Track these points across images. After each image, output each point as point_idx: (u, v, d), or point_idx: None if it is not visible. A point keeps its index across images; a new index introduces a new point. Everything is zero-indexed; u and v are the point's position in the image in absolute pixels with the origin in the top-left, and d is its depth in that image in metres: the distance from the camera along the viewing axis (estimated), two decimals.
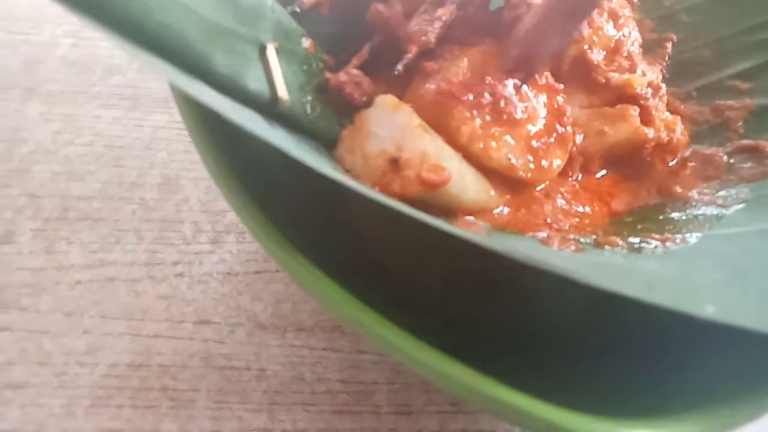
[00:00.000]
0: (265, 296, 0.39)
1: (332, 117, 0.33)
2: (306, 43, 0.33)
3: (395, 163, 0.29)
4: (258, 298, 0.39)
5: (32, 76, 0.49)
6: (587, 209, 0.34)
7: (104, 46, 0.52)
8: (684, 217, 0.32)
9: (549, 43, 0.32)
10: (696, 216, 0.32)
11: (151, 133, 0.47)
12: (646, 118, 0.34)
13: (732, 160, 0.35)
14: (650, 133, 0.34)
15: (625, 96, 0.34)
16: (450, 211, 0.31)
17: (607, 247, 0.30)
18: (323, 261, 0.25)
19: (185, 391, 0.35)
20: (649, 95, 0.34)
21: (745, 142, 0.35)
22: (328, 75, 0.33)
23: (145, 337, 0.37)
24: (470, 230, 0.29)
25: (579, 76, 0.35)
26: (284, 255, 0.24)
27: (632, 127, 0.34)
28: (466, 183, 0.31)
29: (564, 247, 0.30)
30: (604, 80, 0.34)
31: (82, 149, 0.45)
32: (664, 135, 0.34)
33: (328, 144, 0.32)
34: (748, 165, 0.34)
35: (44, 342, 0.36)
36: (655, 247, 0.30)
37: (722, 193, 0.33)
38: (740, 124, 0.36)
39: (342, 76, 0.33)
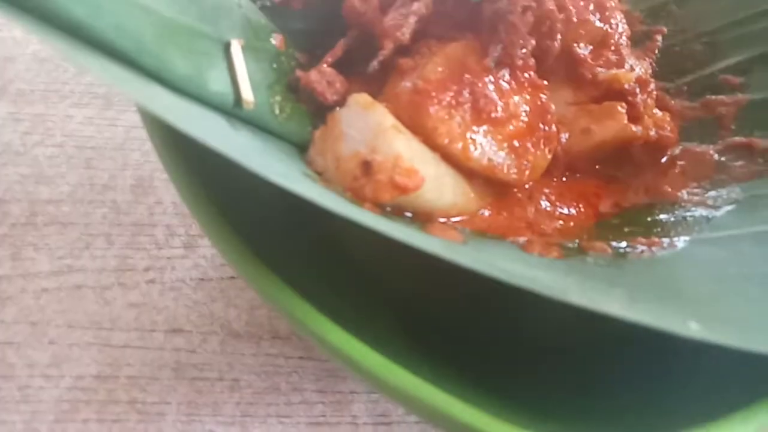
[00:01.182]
0: (240, 303, 0.38)
1: (304, 117, 0.31)
2: (276, 39, 0.32)
3: (367, 167, 0.28)
4: (232, 305, 0.38)
5: (1, 75, 0.47)
6: (572, 211, 0.32)
7: None
8: (672, 219, 0.31)
9: (527, 39, 0.31)
10: (685, 218, 0.30)
11: (124, 133, 0.45)
12: (634, 115, 0.33)
13: (723, 158, 0.33)
14: (638, 130, 0.33)
15: (612, 92, 0.33)
16: (426, 214, 0.30)
17: (591, 252, 0.29)
18: (288, 269, 0.23)
19: (154, 404, 0.34)
20: (637, 91, 0.33)
21: (737, 139, 0.33)
22: (299, 73, 0.32)
23: (114, 348, 0.36)
24: (445, 236, 0.28)
25: (565, 71, 0.33)
26: (238, 257, 0.23)
27: (619, 124, 0.32)
28: (443, 186, 0.29)
29: (545, 254, 0.28)
30: (590, 76, 0.33)
31: (52, 150, 0.44)
32: (653, 132, 0.33)
33: (300, 145, 0.31)
34: (739, 163, 0.32)
35: (7, 353, 0.35)
36: (642, 251, 0.28)
37: (712, 193, 0.31)
38: (732, 120, 0.34)
39: (313, 75, 0.31)
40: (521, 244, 0.30)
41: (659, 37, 0.39)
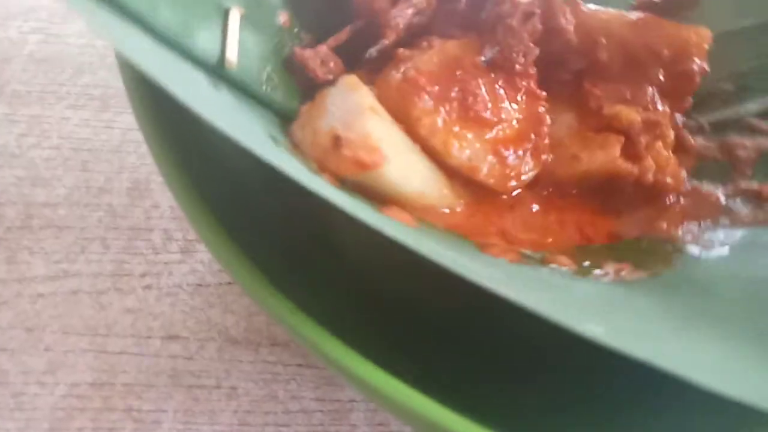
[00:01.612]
0: (238, 309, 0.37)
1: (293, 92, 0.32)
2: (281, 16, 0.33)
3: (337, 142, 0.28)
4: (230, 311, 0.37)
5: None
6: (553, 230, 0.32)
7: (74, 42, 0.50)
8: (657, 252, 0.30)
9: (529, 46, 0.30)
10: (671, 252, 0.30)
11: (120, 135, 0.45)
12: (633, 153, 0.32)
13: (730, 203, 0.32)
14: (631, 168, 0.31)
15: (613, 127, 0.32)
16: (392, 199, 0.29)
17: (552, 264, 0.28)
18: (285, 276, 0.23)
19: (150, 412, 0.33)
20: (640, 130, 0.32)
21: (748, 183, 0.32)
22: (295, 49, 0.32)
23: (110, 354, 0.35)
24: (398, 218, 0.27)
25: (572, 94, 0.33)
26: (236, 263, 0.23)
27: (608, 157, 0.32)
28: (412, 173, 0.29)
29: (500, 256, 0.28)
30: (595, 106, 0.32)
31: (48, 152, 0.43)
32: (650, 176, 0.32)
33: (286, 118, 0.31)
34: (746, 209, 0.31)
35: (2, 360, 0.34)
36: (606, 273, 0.28)
37: (710, 233, 0.30)
38: (750, 165, 0.33)
39: (308, 52, 0.32)
40: (478, 242, 0.29)
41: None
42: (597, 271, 0.28)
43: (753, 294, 0.25)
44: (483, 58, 0.31)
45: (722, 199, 0.32)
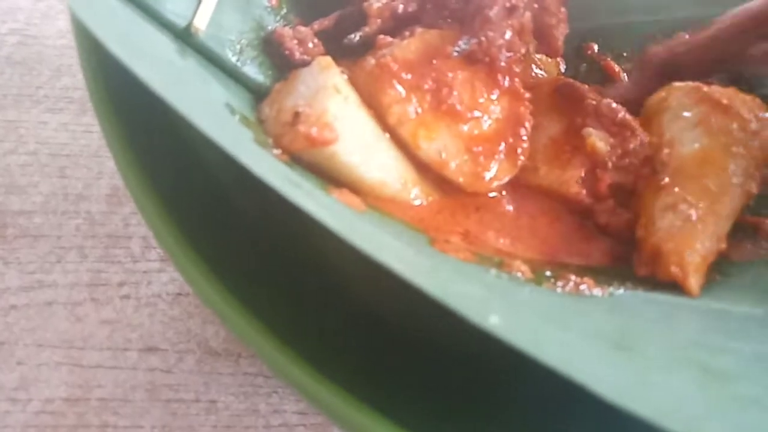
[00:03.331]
0: (218, 319, 0.36)
1: (269, 70, 0.32)
2: None
3: (296, 117, 0.27)
4: (210, 321, 0.36)
5: None
6: (521, 237, 0.30)
7: (53, 44, 0.48)
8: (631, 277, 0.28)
9: (512, 42, 0.29)
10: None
11: (100, 140, 0.43)
12: (593, 183, 0.30)
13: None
14: (585, 200, 0.30)
15: (584, 149, 0.31)
16: (350, 183, 0.28)
17: (506, 270, 0.26)
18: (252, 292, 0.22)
19: (127, 428, 0.32)
20: (609, 163, 0.30)
21: (747, 217, 0.30)
22: (277, 28, 0.32)
23: (85, 368, 0.34)
24: (344, 200, 0.26)
25: (563, 105, 0.31)
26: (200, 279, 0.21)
27: (562, 178, 0.30)
28: (370, 158, 0.28)
29: (452, 253, 0.26)
30: (581, 124, 0.31)
31: (24, 158, 0.42)
32: (602, 218, 0.30)
33: (259, 94, 0.31)
34: (742, 243, 0.29)
35: None
36: (563, 285, 0.26)
37: None
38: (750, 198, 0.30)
39: (286, 31, 0.32)
40: (432, 238, 0.28)
41: None
42: (558, 283, 0.26)
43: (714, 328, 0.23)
44: (456, 49, 0.30)
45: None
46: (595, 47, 0.40)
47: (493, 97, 0.30)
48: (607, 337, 0.21)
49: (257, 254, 0.25)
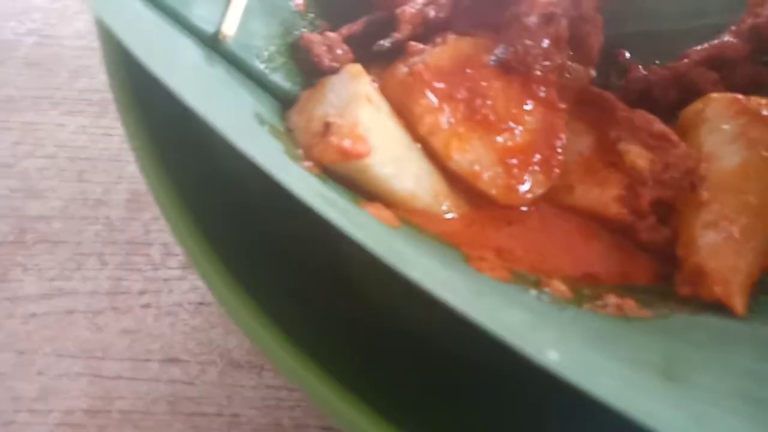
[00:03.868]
0: (241, 332, 0.35)
1: (297, 77, 0.31)
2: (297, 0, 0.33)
3: (327, 128, 0.26)
4: (232, 332, 0.35)
5: None
6: (555, 254, 0.29)
7: (71, 45, 0.48)
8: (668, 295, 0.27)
9: (550, 51, 0.28)
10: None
11: (119, 143, 0.43)
12: (632, 201, 0.29)
13: None
14: (627, 218, 0.29)
15: (622, 167, 0.30)
16: (381, 196, 0.27)
17: (545, 288, 0.25)
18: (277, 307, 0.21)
19: None
20: (650, 180, 0.29)
21: None
22: (305, 34, 0.31)
23: (106, 379, 0.33)
24: (377, 214, 0.25)
25: (597, 118, 0.30)
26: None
27: (602, 198, 0.29)
28: (404, 170, 0.27)
29: (488, 272, 0.26)
30: (615, 138, 0.30)
31: (42, 162, 0.41)
32: (643, 236, 0.29)
33: (286, 101, 0.30)
34: None
35: None
36: (606, 306, 0.25)
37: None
38: None
39: (315, 37, 0.31)
40: (465, 253, 0.27)
41: None
42: (598, 302, 0.25)
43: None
44: (492, 58, 0.29)
45: None
46: (627, 54, 0.39)
47: (528, 107, 0.29)
48: (656, 366, 0.20)
49: (291, 272, 0.25)
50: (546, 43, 0.29)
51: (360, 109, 0.26)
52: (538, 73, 0.30)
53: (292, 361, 0.20)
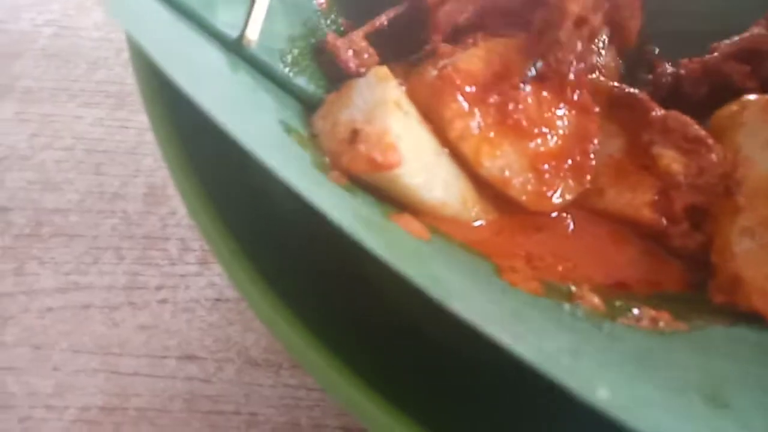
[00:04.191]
0: (258, 327, 0.35)
1: (320, 79, 0.30)
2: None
3: (355, 135, 0.26)
4: (250, 329, 0.35)
5: (7, 72, 0.44)
6: (586, 260, 0.28)
7: (88, 36, 0.47)
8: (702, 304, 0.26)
9: (583, 54, 0.27)
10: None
11: (136, 136, 0.42)
12: (665, 206, 0.28)
13: None
14: (660, 224, 0.28)
15: (655, 170, 0.29)
16: (411, 205, 0.27)
17: (578, 302, 0.25)
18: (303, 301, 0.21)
19: None
20: (678, 184, 0.28)
21: None
22: (328, 36, 0.30)
23: (122, 375, 0.33)
24: (407, 227, 0.25)
25: (629, 119, 0.29)
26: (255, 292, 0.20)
27: (635, 202, 0.28)
28: (434, 178, 0.27)
29: (521, 285, 0.25)
30: (647, 141, 0.29)
31: (60, 154, 0.41)
32: (676, 241, 0.28)
33: (310, 105, 0.29)
34: None
35: (7, 381, 0.32)
36: (640, 319, 0.24)
37: None
38: None
39: (340, 41, 0.30)
40: (497, 265, 0.26)
41: None
42: (629, 314, 0.25)
43: None
44: (528, 72, 0.28)
45: None
46: (656, 50, 0.38)
47: (561, 112, 0.29)
48: (698, 389, 0.19)
49: (313, 266, 0.24)
50: (579, 45, 0.29)
51: (389, 116, 0.26)
52: (572, 77, 0.29)
53: (316, 358, 0.19)
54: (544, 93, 0.29)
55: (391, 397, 0.19)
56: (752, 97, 0.30)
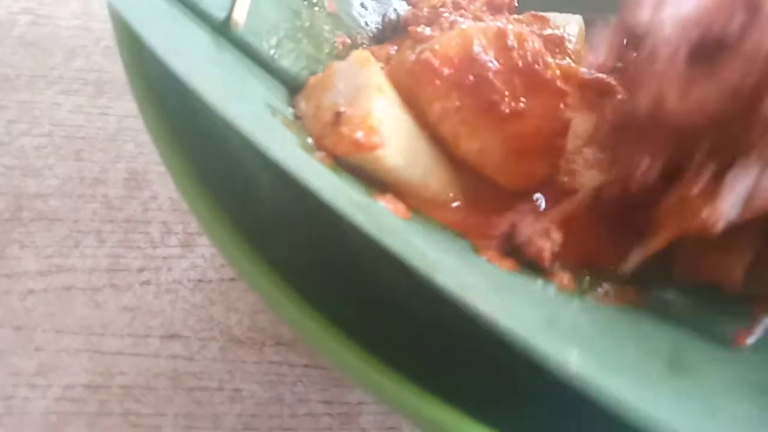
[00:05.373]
0: (241, 306, 0.35)
1: (304, 62, 0.31)
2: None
3: (338, 118, 0.26)
4: (233, 309, 0.35)
5: None
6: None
7: (66, 25, 0.47)
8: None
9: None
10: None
11: (116, 123, 0.43)
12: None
13: None
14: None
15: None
16: (393, 186, 0.27)
17: (550, 279, 0.26)
18: (295, 272, 0.21)
19: (150, 416, 0.32)
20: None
21: None
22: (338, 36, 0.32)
23: (106, 355, 0.33)
24: (391, 206, 0.25)
25: (600, 102, 0.31)
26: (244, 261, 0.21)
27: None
28: (415, 160, 0.28)
29: (496, 262, 0.26)
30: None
31: (39, 140, 0.41)
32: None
33: (293, 87, 0.30)
34: None
35: None
36: (607, 295, 0.25)
37: None
38: None
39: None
40: (474, 243, 0.27)
41: None
42: (598, 290, 0.26)
43: None
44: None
45: None
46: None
47: (535, 93, 0.30)
48: (661, 356, 0.20)
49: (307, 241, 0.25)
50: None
51: (372, 100, 0.26)
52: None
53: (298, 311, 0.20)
54: (518, 76, 0.30)
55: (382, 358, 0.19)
56: None
